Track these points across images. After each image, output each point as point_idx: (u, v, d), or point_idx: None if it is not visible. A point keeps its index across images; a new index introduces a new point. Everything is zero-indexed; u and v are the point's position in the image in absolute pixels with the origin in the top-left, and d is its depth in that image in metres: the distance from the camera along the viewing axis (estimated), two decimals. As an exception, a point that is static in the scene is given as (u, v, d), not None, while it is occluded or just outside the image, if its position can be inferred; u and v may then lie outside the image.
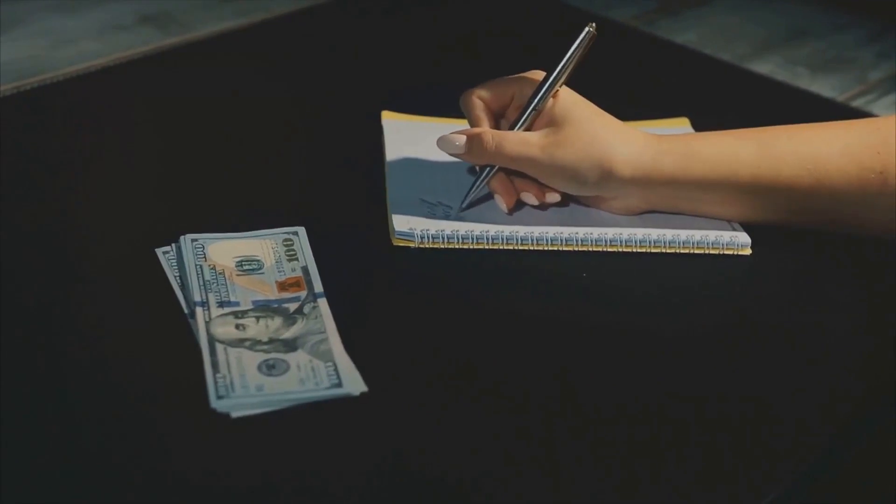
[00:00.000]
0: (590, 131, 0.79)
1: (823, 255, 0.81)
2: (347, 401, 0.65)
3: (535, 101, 0.80)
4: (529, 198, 0.82)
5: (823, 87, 1.19)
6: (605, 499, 0.61)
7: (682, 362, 0.71)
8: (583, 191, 0.81)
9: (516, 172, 0.81)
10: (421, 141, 0.90)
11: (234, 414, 0.64)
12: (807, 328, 0.74)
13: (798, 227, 0.81)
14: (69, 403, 0.65)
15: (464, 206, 0.82)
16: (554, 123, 0.79)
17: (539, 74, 0.81)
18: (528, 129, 0.81)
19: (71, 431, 0.63)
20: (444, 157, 0.86)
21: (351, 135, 0.95)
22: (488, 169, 0.81)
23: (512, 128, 0.81)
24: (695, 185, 0.80)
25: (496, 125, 0.83)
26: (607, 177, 0.79)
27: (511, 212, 0.82)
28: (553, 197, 0.82)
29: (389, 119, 0.94)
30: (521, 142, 0.79)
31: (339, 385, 0.66)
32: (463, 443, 0.64)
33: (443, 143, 0.82)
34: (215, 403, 0.64)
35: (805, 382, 0.70)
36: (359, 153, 0.92)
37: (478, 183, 0.82)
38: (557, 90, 0.80)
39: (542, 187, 0.82)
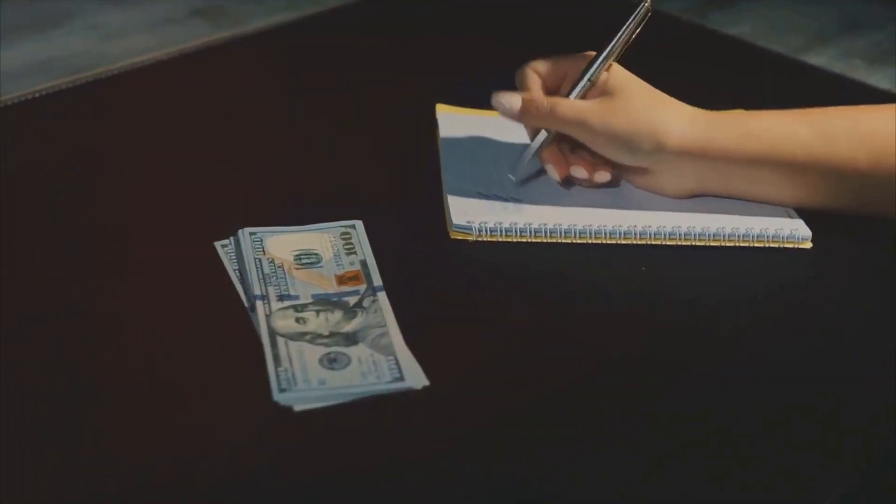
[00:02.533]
0: (644, 101, 0.79)
1: (886, 247, 0.80)
2: (409, 394, 0.65)
3: (590, 72, 0.81)
4: (580, 171, 0.82)
5: (881, 78, 1.17)
6: (676, 492, 0.60)
7: (746, 359, 0.70)
8: (635, 160, 0.80)
9: (566, 145, 0.82)
10: (476, 133, 0.90)
11: (297, 407, 0.64)
12: (870, 323, 0.73)
13: (856, 214, 0.80)
14: (131, 397, 0.65)
15: (518, 175, 0.83)
16: (607, 93, 0.80)
17: (591, 54, 0.82)
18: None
19: (133, 424, 0.63)
20: (501, 149, 0.86)
21: (406, 128, 0.95)
22: (543, 137, 0.82)
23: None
24: (748, 163, 0.79)
25: None
26: (660, 146, 0.79)
27: (563, 183, 0.82)
28: (602, 176, 0.82)
29: (444, 112, 0.94)
30: (575, 107, 0.80)
31: (401, 379, 0.66)
32: (525, 436, 0.63)
33: (497, 101, 0.82)
34: (278, 397, 0.64)
35: (872, 380, 0.69)
36: (414, 146, 0.91)
37: (531, 149, 0.82)
38: (611, 64, 0.81)
39: (593, 163, 0.82)
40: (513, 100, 0.81)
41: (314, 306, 0.72)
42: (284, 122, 0.96)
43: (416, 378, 0.66)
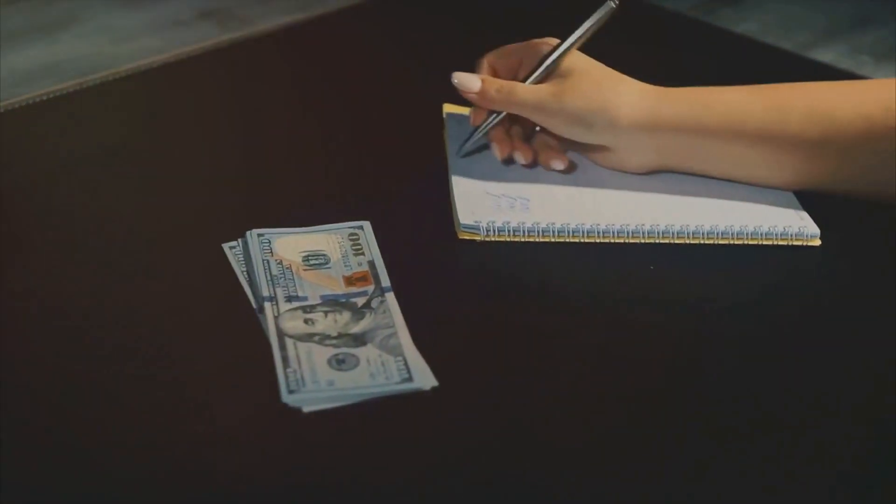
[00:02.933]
0: (595, 79, 0.82)
1: (894, 245, 0.79)
2: (418, 395, 0.65)
3: (547, 62, 0.83)
4: (519, 157, 0.85)
5: (888, 74, 1.17)
6: (691, 493, 0.60)
7: (757, 358, 0.70)
8: (589, 137, 0.82)
9: (516, 129, 0.85)
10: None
11: (306, 408, 0.64)
12: (880, 321, 0.73)
13: (813, 189, 0.81)
14: (139, 398, 0.65)
15: (462, 151, 0.86)
16: (561, 75, 0.82)
17: (546, 42, 0.84)
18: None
19: (140, 426, 0.63)
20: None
21: (412, 127, 0.95)
22: (493, 116, 0.85)
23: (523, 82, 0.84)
24: (700, 134, 0.80)
25: None
26: (613, 122, 0.80)
27: (505, 162, 0.86)
28: (557, 164, 0.85)
29: (451, 111, 0.94)
30: (530, 90, 0.83)
31: (410, 379, 0.66)
32: (535, 437, 0.63)
33: (459, 80, 0.85)
34: (287, 398, 0.64)
35: (883, 379, 0.68)
36: (421, 146, 0.91)
37: (480, 128, 0.85)
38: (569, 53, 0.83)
39: (549, 150, 0.85)
40: (471, 79, 0.84)
41: (322, 307, 0.72)
42: (292, 122, 0.96)
43: (424, 378, 0.66)
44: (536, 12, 1.18)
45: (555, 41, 0.83)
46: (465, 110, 0.94)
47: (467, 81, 0.84)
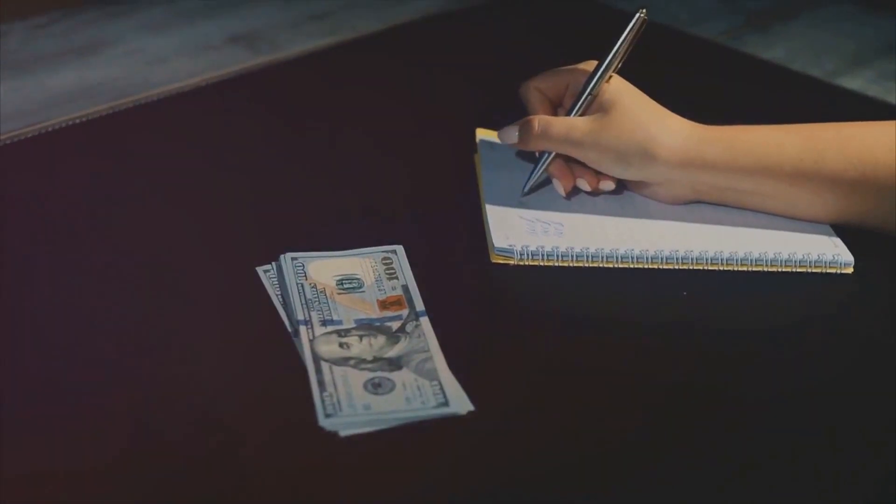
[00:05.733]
0: (635, 116, 0.81)
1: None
2: (454, 420, 0.65)
3: (590, 86, 0.83)
4: (583, 184, 0.85)
5: (918, 102, 1.16)
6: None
7: (790, 385, 0.70)
8: (627, 174, 0.82)
9: (574, 159, 0.84)
10: (516, 157, 0.90)
11: (343, 432, 0.64)
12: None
13: (849, 226, 0.81)
14: (176, 423, 0.66)
15: (525, 190, 0.85)
16: (602, 109, 0.82)
17: (592, 64, 0.83)
18: (583, 115, 0.83)
19: (175, 452, 0.64)
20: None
21: (444, 151, 0.95)
22: (546, 155, 0.84)
23: (568, 114, 0.84)
24: (737, 175, 0.81)
25: (553, 114, 0.86)
26: (650, 161, 0.80)
27: (568, 196, 0.85)
28: (607, 185, 0.84)
29: (484, 136, 0.94)
30: (566, 126, 0.82)
31: (446, 404, 0.66)
32: (571, 462, 0.63)
33: (502, 134, 0.86)
34: (323, 422, 0.64)
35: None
36: (453, 170, 0.92)
37: (538, 166, 0.85)
38: (611, 76, 0.83)
39: (596, 174, 0.84)
40: (509, 132, 0.85)
41: (357, 331, 0.72)
42: (324, 146, 0.96)
43: (460, 403, 0.66)
44: (562, 33, 1.18)
45: (595, 63, 0.83)
46: (497, 134, 0.94)
47: (508, 136, 0.85)
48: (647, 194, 0.85)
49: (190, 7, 1.30)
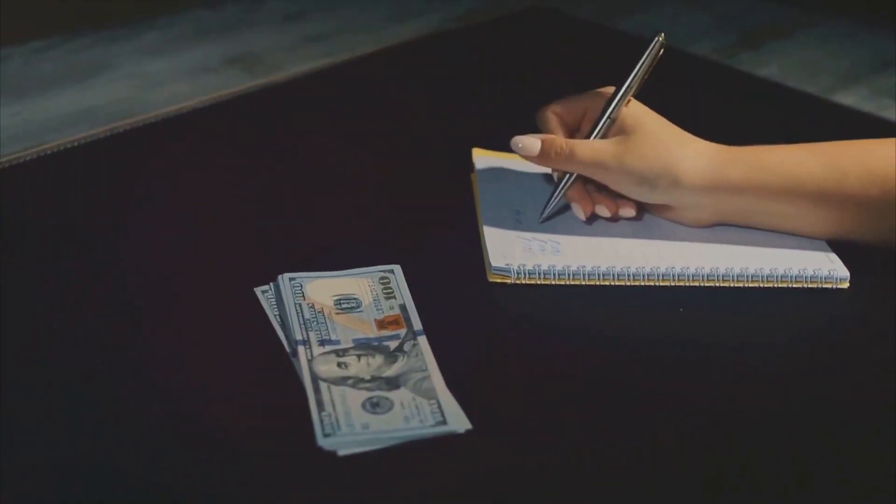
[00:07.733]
0: (659, 140, 0.81)
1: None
2: (452, 438, 0.66)
3: (610, 109, 0.83)
4: (603, 210, 0.85)
5: (911, 117, 1.17)
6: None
7: (789, 400, 0.70)
8: (652, 197, 0.82)
9: (592, 184, 0.84)
10: (513, 177, 0.90)
11: (341, 452, 0.64)
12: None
13: (872, 245, 0.81)
14: (172, 443, 0.66)
15: (544, 215, 0.85)
16: (624, 132, 0.82)
17: (610, 90, 0.84)
18: (602, 138, 0.83)
19: (174, 471, 0.64)
20: (537, 192, 0.87)
21: (441, 171, 0.95)
22: (566, 178, 0.84)
23: (586, 137, 0.83)
24: (761, 196, 0.81)
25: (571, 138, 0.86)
26: (675, 184, 0.80)
27: (588, 221, 0.85)
28: (627, 211, 0.85)
29: (480, 155, 0.94)
30: (592, 148, 0.82)
31: (444, 422, 0.66)
32: (569, 480, 0.64)
33: (518, 144, 0.84)
34: (322, 441, 0.65)
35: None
36: (450, 189, 0.92)
37: (557, 191, 0.85)
38: (629, 100, 0.83)
39: (616, 200, 0.84)
40: (532, 143, 0.83)
41: (355, 351, 0.72)
42: (321, 167, 0.97)
43: (458, 422, 0.66)
44: (566, 55, 1.19)
45: (612, 90, 0.83)
46: (493, 154, 0.95)
47: (529, 146, 0.83)
48: (670, 218, 0.85)
49: (187, 31, 1.31)
